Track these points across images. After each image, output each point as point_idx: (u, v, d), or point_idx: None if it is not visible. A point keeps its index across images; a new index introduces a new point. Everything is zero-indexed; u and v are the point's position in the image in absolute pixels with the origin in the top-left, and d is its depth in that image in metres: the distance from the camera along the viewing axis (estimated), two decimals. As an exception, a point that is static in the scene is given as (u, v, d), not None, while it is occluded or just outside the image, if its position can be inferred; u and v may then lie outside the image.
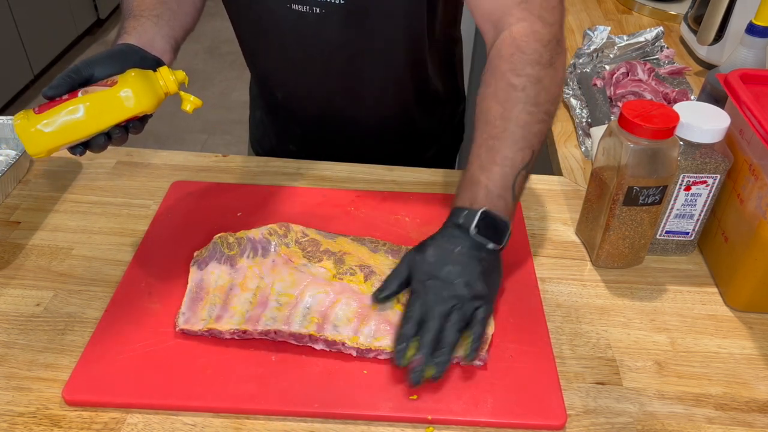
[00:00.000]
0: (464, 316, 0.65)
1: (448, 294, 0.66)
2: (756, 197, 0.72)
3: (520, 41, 0.72)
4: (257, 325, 0.68)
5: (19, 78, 2.95)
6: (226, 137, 2.82)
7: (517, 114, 0.70)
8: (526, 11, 0.72)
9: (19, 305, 0.74)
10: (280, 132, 1.11)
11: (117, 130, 0.68)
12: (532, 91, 0.70)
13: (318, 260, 0.75)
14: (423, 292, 0.66)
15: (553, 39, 0.73)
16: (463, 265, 0.67)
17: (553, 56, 0.72)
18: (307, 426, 0.63)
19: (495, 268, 0.70)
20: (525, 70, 0.71)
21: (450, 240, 0.68)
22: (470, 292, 0.66)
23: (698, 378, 0.69)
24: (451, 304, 0.65)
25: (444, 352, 0.64)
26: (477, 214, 0.68)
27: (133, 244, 0.82)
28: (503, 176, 0.69)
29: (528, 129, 0.70)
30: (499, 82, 0.72)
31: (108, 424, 0.62)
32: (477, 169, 0.70)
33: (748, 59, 0.94)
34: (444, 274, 0.66)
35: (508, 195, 0.70)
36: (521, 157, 0.70)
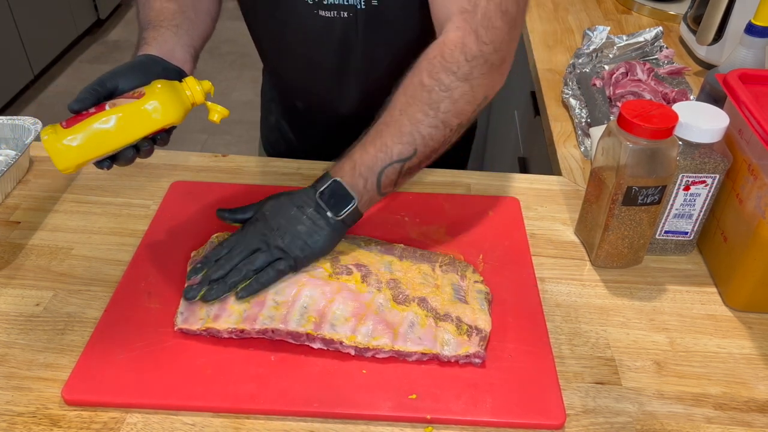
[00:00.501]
0: (263, 261, 0.71)
1: (260, 238, 0.72)
2: (755, 197, 0.72)
3: (446, 48, 0.72)
4: (255, 324, 0.68)
5: (19, 78, 2.95)
6: (226, 137, 2.82)
7: (414, 110, 0.71)
8: (464, 22, 0.72)
9: (19, 305, 0.74)
10: (300, 138, 1.11)
11: (145, 143, 0.68)
12: (436, 96, 0.71)
13: (316, 260, 0.75)
14: (247, 228, 0.74)
15: (481, 56, 0.71)
16: (291, 220, 0.72)
17: (472, 72, 0.71)
18: (306, 426, 0.63)
19: (321, 235, 0.72)
20: (439, 75, 0.71)
21: (299, 196, 0.73)
22: (281, 243, 0.71)
23: (697, 378, 0.69)
24: (256, 247, 0.71)
25: (225, 282, 0.70)
26: (329, 181, 0.72)
27: (133, 244, 0.82)
28: (374, 159, 0.72)
29: (417, 127, 0.71)
30: (413, 77, 0.73)
31: (107, 423, 0.62)
32: (358, 145, 0.74)
33: (748, 59, 0.95)
34: (271, 220, 0.73)
35: (372, 178, 0.72)
36: (400, 149, 0.71)
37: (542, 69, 1.28)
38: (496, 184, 0.95)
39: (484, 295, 0.74)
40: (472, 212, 0.88)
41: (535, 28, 1.43)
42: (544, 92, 1.20)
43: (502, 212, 0.88)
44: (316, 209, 0.72)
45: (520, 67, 1.61)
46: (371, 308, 0.70)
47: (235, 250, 0.72)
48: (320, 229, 0.72)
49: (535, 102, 1.29)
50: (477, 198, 0.91)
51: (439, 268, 0.77)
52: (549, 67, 1.28)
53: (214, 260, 0.73)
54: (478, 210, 0.88)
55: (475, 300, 0.73)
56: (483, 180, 0.95)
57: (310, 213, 0.72)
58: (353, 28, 0.87)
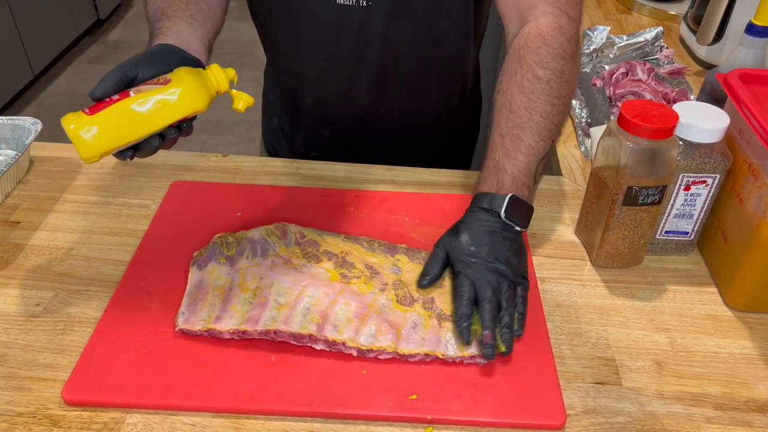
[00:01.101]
0: (512, 293, 0.69)
1: (493, 272, 0.70)
2: (755, 197, 0.72)
3: (547, 35, 0.74)
4: (257, 325, 0.68)
5: (19, 78, 2.95)
6: (226, 137, 2.82)
7: (541, 105, 0.74)
8: (553, 5, 0.75)
9: (19, 305, 0.74)
10: (305, 138, 1.09)
11: (171, 131, 0.65)
12: (555, 84, 0.74)
13: (317, 261, 0.75)
14: (468, 272, 0.70)
15: (576, 34, 0.76)
16: (500, 246, 0.71)
17: (575, 50, 0.75)
18: (306, 426, 0.63)
19: (523, 248, 0.75)
20: (550, 63, 0.74)
21: (482, 223, 0.73)
22: (511, 270, 0.70)
23: (698, 378, 0.69)
24: (498, 281, 0.69)
25: (508, 325, 0.67)
26: (506, 199, 0.72)
27: (133, 244, 0.82)
28: (527, 164, 0.74)
29: (550, 120, 0.74)
30: (525, 73, 0.74)
31: (108, 424, 0.62)
32: (502, 156, 0.75)
33: (748, 59, 0.94)
34: (484, 254, 0.70)
35: (531, 182, 0.75)
36: (543, 146, 0.75)
37: (542, 69, 1.28)
38: (497, 184, 0.95)
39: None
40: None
41: (536, 28, 1.43)
42: (545, 92, 1.20)
43: (502, 212, 0.88)
44: (506, 229, 0.72)
45: (520, 67, 1.61)
46: (374, 309, 0.70)
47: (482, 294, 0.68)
48: (522, 242, 0.75)
49: (536, 102, 1.29)
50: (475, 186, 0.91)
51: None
52: (549, 67, 1.28)
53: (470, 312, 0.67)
54: (479, 210, 0.88)
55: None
56: (483, 180, 0.95)
57: (508, 234, 0.72)
58: (373, 17, 0.85)
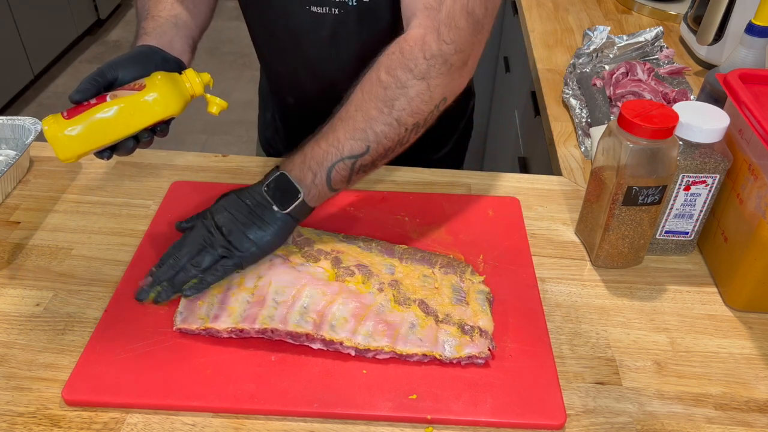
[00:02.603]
0: (210, 260, 0.71)
1: (206, 236, 0.71)
2: (755, 197, 0.72)
3: (405, 45, 0.70)
4: (254, 323, 0.68)
5: (19, 78, 2.95)
6: (226, 137, 2.82)
7: (369, 107, 0.70)
8: (427, 19, 0.70)
9: (19, 305, 0.74)
10: (293, 135, 1.11)
11: (146, 134, 0.69)
12: (392, 93, 0.69)
13: (315, 260, 0.75)
14: (195, 226, 0.74)
15: (440, 56, 0.69)
16: (236, 217, 0.71)
17: (430, 71, 0.69)
18: (306, 426, 0.63)
19: (270, 232, 0.71)
20: (396, 71, 0.70)
21: (247, 192, 0.73)
22: (225, 241, 0.70)
23: (698, 378, 0.69)
24: (201, 246, 0.71)
25: (173, 283, 0.71)
26: (275, 174, 0.71)
27: (133, 244, 0.82)
28: (324, 153, 0.70)
29: (370, 124, 0.70)
30: (372, 73, 0.71)
31: (108, 424, 0.62)
32: (311, 139, 0.72)
33: (748, 59, 0.95)
34: (216, 218, 0.72)
35: (322, 173, 0.70)
36: (351, 146, 0.70)
37: (542, 69, 1.28)
38: (496, 184, 0.95)
39: (485, 296, 0.74)
40: (472, 212, 0.88)
41: (535, 28, 1.43)
42: (545, 92, 1.20)
43: (502, 212, 0.88)
44: (262, 203, 0.71)
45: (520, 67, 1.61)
46: (371, 309, 0.70)
47: (183, 250, 0.72)
48: (266, 224, 0.71)
49: (535, 102, 1.29)
50: (477, 198, 0.91)
51: (439, 269, 0.76)
52: (549, 67, 1.28)
53: (164, 261, 0.73)
54: (478, 210, 0.88)
55: (475, 301, 0.73)
56: (483, 180, 0.95)
57: (256, 208, 0.71)
58: (344, 25, 0.86)
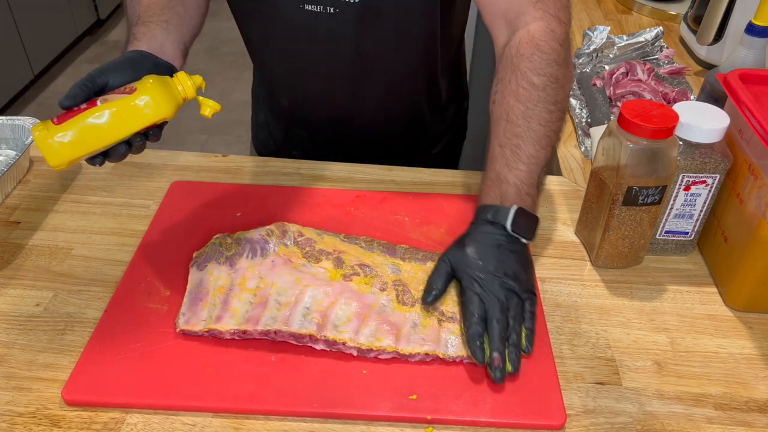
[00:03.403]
0: (519, 309, 0.68)
1: (502, 288, 0.68)
2: (755, 197, 0.72)
3: (539, 40, 0.74)
4: (257, 325, 0.68)
5: (19, 78, 2.95)
6: (226, 137, 2.82)
7: (539, 113, 0.73)
8: (542, 10, 0.74)
9: (19, 305, 0.74)
10: (285, 137, 1.11)
11: (138, 138, 0.68)
12: (551, 90, 0.73)
13: (317, 260, 0.75)
14: (476, 288, 0.69)
15: (567, 38, 0.75)
16: (507, 260, 0.70)
17: (567, 55, 0.75)
18: (306, 426, 0.63)
19: (530, 261, 0.74)
20: (545, 69, 0.73)
21: (488, 236, 0.71)
22: (519, 285, 0.69)
23: (698, 378, 0.69)
24: (506, 298, 0.68)
25: (515, 344, 0.66)
26: (511, 211, 0.71)
27: (133, 244, 0.82)
28: (529, 174, 0.73)
29: (549, 127, 0.74)
30: (520, 80, 0.74)
31: (108, 424, 0.62)
32: (503, 167, 0.74)
33: (748, 59, 0.95)
34: (492, 268, 0.69)
35: (534, 191, 0.74)
36: (544, 154, 0.74)
37: (542, 69, 1.28)
38: (497, 184, 0.95)
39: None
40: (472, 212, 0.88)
41: (536, 28, 1.43)
42: (545, 92, 1.20)
43: (502, 212, 0.88)
44: (512, 242, 0.71)
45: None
46: (374, 309, 0.70)
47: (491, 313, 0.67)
48: (528, 255, 0.73)
49: (536, 102, 1.29)
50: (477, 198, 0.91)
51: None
52: (549, 67, 1.28)
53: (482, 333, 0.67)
54: (479, 210, 0.88)
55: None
56: (483, 180, 0.95)
57: (514, 246, 0.71)
58: (342, 24, 0.86)
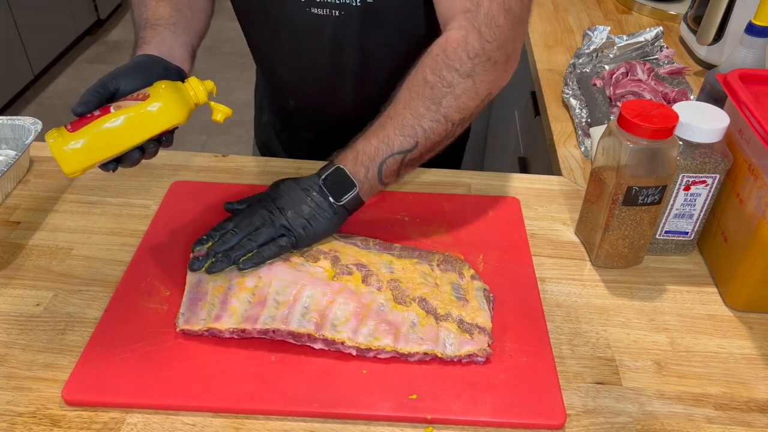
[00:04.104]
0: (266, 237, 0.73)
1: (265, 214, 0.74)
2: (755, 197, 0.72)
3: (448, 46, 0.74)
4: (256, 324, 0.68)
5: (19, 78, 2.95)
6: (226, 137, 2.82)
7: (416, 104, 0.74)
8: (467, 21, 0.73)
9: (19, 305, 0.74)
10: (290, 138, 1.11)
11: (151, 144, 0.68)
12: (438, 92, 0.73)
13: (315, 260, 0.75)
14: (254, 205, 0.76)
15: (483, 54, 0.73)
16: (296, 201, 0.74)
17: (474, 69, 0.73)
18: (306, 426, 0.63)
19: (323, 218, 0.74)
20: (441, 71, 0.73)
21: (304, 180, 0.76)
22: (284, 221, 0.73)
23: (698, 378, 0.69)
24: (260, 222, 0.74)
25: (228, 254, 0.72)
26: (332, 168, 0.74)
27: (133, 244, 0.82)
28: (376, 149, 0.74)
29: (419, 121, 0.74)
30: (417, 74, 0.75)
31: (108, 424, 0.62)
32: (361, 136, 0.76)
33: (748, 59, 0.95)
34: (278, 201, 0.75)
35: (373, 168, 0.74)
36: (401, 141, 0.74)
37: (542, 69, 1.28)
38: (496, 184, 0.95)
39: (483, 292, 0.74)
40: (472, 212, 0.88)
41: (535, 28, 1.43)
42: (544, 92, 1.20)
43: (502, 212, 0.88)
44: (319, 193, 0.74)
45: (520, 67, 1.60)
46: (372, 308, 0.70)
47: (240, 225, 0.74)
48: (323, 211, 0.74)
49: (535, 102, 1.29)
50: (477, 198, 0.91)
51: (437, 267, 0.76)
52: (549, 67, 1.28)
53: (219, 234, 0.75)
54: (478, 210, 0.88)
55: (474, 298, 0.73)
56: (483, 180, 0.95)
57: (314, 196, 0.74)
58: (347, 27, 0.86)
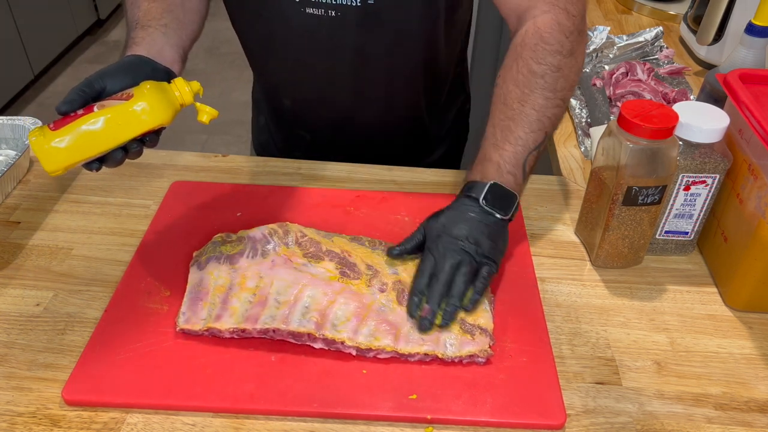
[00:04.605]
0: (471, 271, 0.70)
1: (458, 249, 0.70)
2: (755, 197, 0.72)
3: (544, 32, 0.75)
4: (256, 323, 0.68)
5: (19, 78, 2.95)
6: (226, 137, 2.82)
7: (535, 99, 0.74)
8: (550, 4, 0.75)
9: (19, 305, 0.74)
10: (287, 138, 1.11)
11: (134, 144, 0.67)
12: (550, 79, 0.74)
13: (318, 260, 0.75)
14: (434, 248, 0.71)
15: (575, 30, 0.76)
16: (472, 227, 0.72)
17: (574, 46, 0.76)
18: (306, 426, 0.63)
19: (501, 236, 0.74)
20: (546, 59, 0.74)
21: (461, 207, 0.73)
22: (477, 249, 0.71)
23: (698, 378, 0.69)
24: (460, 258, 0.70)
25: (452, 301, 0.69)
26: (486, 186, 0.72)
27: (133, 244, 0.82)
28: (515, 154, 0.74)
29: (543, 113, 0.74)
30: (521, 67, 0.75)
31: (108, 424, 0.62)
32: (491, 146, 0.75)
33: (748, 59, 0.95)
34: (455, 232, 0.71)
35: (519, 172, 0.74)
36: (534, 138, 0.74)
37: (542, 69, 1.28)
38: (497, 184, 0.95)
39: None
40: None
41: (535, 28, 1.43)
42: (544, 92, 1.20)
43: (502, 212, 0.88)
44: (485, 215, 0.72)
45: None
46: (373, 308, 0.70)
47: (439, 268, 0.70)
48: (501, 229, 0.73)
49: (535, 102, 1.29)
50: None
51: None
52: (549, 67, 1.28)
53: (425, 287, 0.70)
54: (479, 210, 0.88)
55: (475, 300, 0.73)
56: (483, 180, 0.95)
57: (486, 219, 0.72)
58: (343, 27, 0.86)
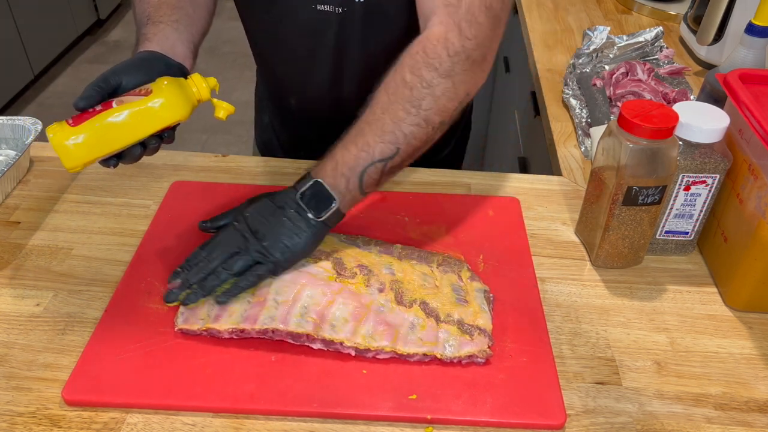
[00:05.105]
0: (243, 266, 0.70)
1: (240, 240, 0.71)
2: (755, 197, 0.72)
3: (428, 43, 0.71)
4: (255, 324, 0.68)
5: (19, 78, 2.95)
6: (226, 137, 2.82)
7: (396, 109, 0.70)
8: (447, 16, 0.71)
9: (19, 305, 0.74)
10: (291, 138, 1.11)
11: (152, 140, 0.67)
12: (418, 93, 0.70)
13: (315, 260, 0.75)
14: (225, 231, 0.73)
15: (463, 53, 0.70)
16: (271, 222, 0.71)
17: (454, 68, 0.70)
18: (306, 426, 0.63)
19: (304, 238, 0.71)
20: (420, 71, 0.70)
21: (280, 197, 0.72)
22: (260, 246, 0.70)
23: (697, 378, 0.69)
24: (235, 250, 0.71)
25: (204, 285, 0.70)
26: (310, 182, 0.71)
27: (133, 244, 0.82)
28: (356, 158, 0.70)
29: (399, 126, 0.70)
30: (396, 74, 0.72)
31: (108, 424, 0.62)
32: (339, 145, 0.72)
33: (748, 59, 0.95)
34: (251, 222, 0.71)
35: (354, 178, 0.70)
36: (382, 149, 0.70)
37: (542, 69, 1.28)
38: (496, 184, 0.95)
39: (483, 294, 0.74)
40: (472, 212, 0.88)
41: (535, 28, 1.43)
42: (544, 92, 1.20)
43: (502, 212, 0.88)
44: (297, 210, 0.71)
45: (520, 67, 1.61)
46: (372, 309, 0.70)
47: (213, 252, 0.71)
48: (301, 231, 0.71)
49: (535, 102, 1.29)
50: (477, 198, 0.91)
51: (437, 268, 0.76)
52: (549, 67, 1.28)
53: (193, 263, 0.72)
54: (478, 210, 0.88)
55: (475, 300, 0.73)
56: (483, 180, 0.95)
57: (290, 214, 0.71)
58: (349, 24, 0.86)
